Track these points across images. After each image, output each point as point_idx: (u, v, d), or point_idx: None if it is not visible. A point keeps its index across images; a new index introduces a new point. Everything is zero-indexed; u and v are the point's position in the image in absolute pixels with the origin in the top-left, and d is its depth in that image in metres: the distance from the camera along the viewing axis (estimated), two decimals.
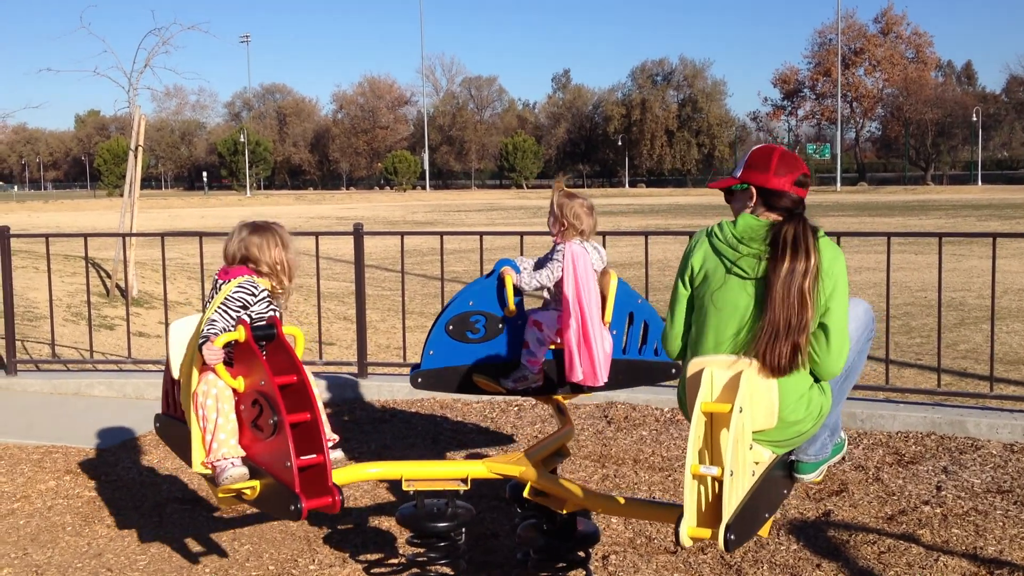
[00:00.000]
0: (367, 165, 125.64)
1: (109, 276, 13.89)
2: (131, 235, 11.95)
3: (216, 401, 3.89)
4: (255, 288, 4.05)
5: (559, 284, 4.65)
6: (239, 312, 3.97)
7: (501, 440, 6.64)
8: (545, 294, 4.80)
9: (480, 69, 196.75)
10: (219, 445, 3.87)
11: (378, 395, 7.73)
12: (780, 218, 3.49)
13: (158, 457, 6.39)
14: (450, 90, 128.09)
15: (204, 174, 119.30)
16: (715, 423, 3.31)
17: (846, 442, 3.95)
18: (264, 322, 4.00)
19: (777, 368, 3.33)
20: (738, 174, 3.62)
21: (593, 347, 4.57)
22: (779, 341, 3.31)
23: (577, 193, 4.79)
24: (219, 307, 3.96)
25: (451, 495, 4.21)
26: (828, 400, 3.51)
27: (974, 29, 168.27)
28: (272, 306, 4.10)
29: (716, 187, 3.74)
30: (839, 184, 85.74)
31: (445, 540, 4.24)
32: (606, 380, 4.68)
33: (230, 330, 3.91)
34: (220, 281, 4.09)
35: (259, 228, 4.19)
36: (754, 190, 3.56)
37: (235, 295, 3.99)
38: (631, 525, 5.05)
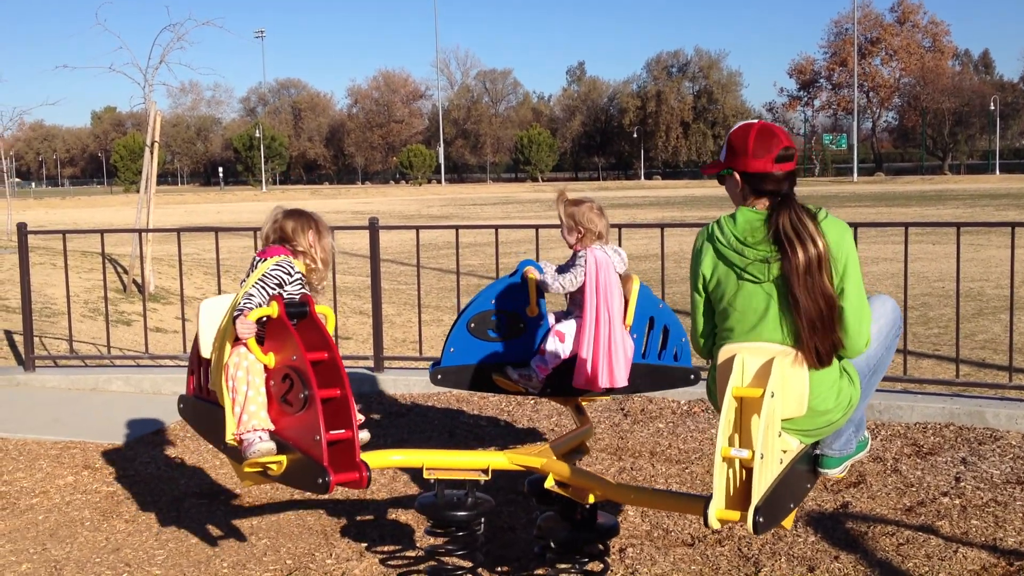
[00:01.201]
0: (382, 159, 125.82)
1: (126, 272, 13.95)
2: (147, 231, 12.01)
3: (247, 373, 3.91)
4: (291, 268, 4.11)
5: (581, 289, 4.64)
6: (275, 289, 4.01)
7: (517, 434, 6.63)
8: (567, 299, 4.80)
9: (495, 62, 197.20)
10: (249, 417, 3.88)
11: (394, 389, 7.74)
12: (770, 204, 3.44)
13: (176, 452, 6.42)
14: (465, 83, 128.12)
15: (220, 169, 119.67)
16: (745, 408, 3.30)
17: (869, 440, 3.94)
18: (297, 298, 4.04)
19: (819, 360, 3.34)
20: (723, 158, 3.58)
21: (613, 354, 4.57)
22: (819, 335, 3.32)
23: (582, 198, 4.77)
24: (257, 282, 4.01)
25: (471, 485, 4.21)
26: (857, 391, 3.49)
27: (991, 17, 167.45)
28: (304, 290, 4.14)
29: (707, 173, 3.70)
30: (856, 175, 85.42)
31: (464, 530, 4.24)
32: (626, 383, 4.68)
33: (264, 306, 3.95)
34: (258, 259, 4.16)
35: (294, 212, 4.29)
36: (738, 176, 3.51)
37: (272, 272, 4.05)
38: (648, 518, 5.04)
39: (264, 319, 3.92)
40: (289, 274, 4.09)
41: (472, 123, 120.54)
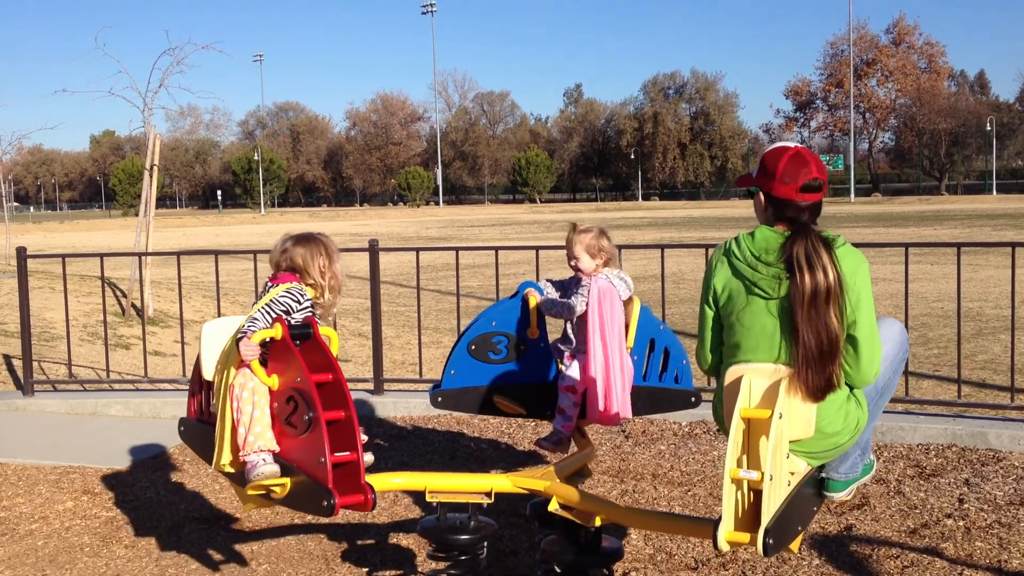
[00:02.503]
0: (380, 181, 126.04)
1: (125, 295, 13.94)
2: (146, 254, 12.00)
3: (252, 394, 3.89)
4: (302, 295, 4.11)
5: (583, 319, 4.63)
6: (283, 316, 4.01)
7: (519, 457, 6.61)
8: (568, 326, 4.78)
9: (492, 84, 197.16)
10: (255, 438, 3.86)
11: (395, 411, 7.71)
12: (789, 229, 3.45)
13: (176, 476, 6.39)
14: (462, 106, 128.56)
15: (218, 192, 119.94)
16: (753, 429, 3.29)
17: (875, 464, 3.93)
18: (300, 321, 4.04)
19: (819, 392, 3.31)
20: (755, 174, 3.59)
21: (612, 387, 4.57)
22: (815, 366, 3.29)
23: (592, 226, 4.78)
24: (263, 307, 4.02)
25: (474, 508, 4.19)
26: (865, 414, 3.48)
27: (987, 38, 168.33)
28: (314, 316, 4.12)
29: (739, 185, 3.72)
30: (853, 195, 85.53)
31: (466, 554, 4.21)
32: (629, 415, 4.68)
33: (268, 328, 3.96)
34: (270, 284, 4.16)
35: (303, 239, 4.25)
36: (763, 196, 3.52)
37: (281, 299, 4.05)
38: (651, 541, 5.01)
39: (268, 341, 3.91)
40: (298, 301, 4.08)
41: (470, 145, 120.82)
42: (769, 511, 3.17)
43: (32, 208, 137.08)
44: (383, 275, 8.71)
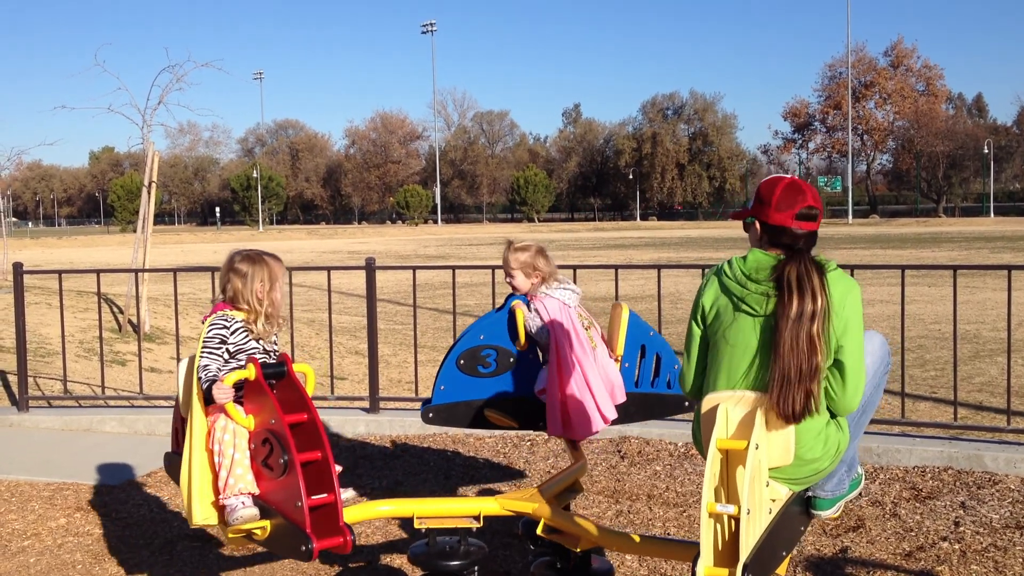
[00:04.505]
0: (379, 199, 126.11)
1: (122, 312, 13.92)
2: (143, 271, 11.98)
3: (234, 437, 3.86)
4: (227, 321, 4.07)
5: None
6: (221, 347, 4.01)
7: (514, 475, 6.59)
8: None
9: (491, 104, 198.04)
10: (235, 480, 3.83)
11: (390, 430, 7.69)
12: (783, 254, 3.46)
13: (169, 494, 6.36)
14: (461, 125, 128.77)
15: (217, 209, 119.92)
16: (731, 460, 3.27)
17: (863, 477, 3.91)
18: (273, 359, 4.01)
19: (791, 415, 3.28)
20: (750, 206, 3.60)
21: (585, 395, 4.59)
22: (791, 388, 3.25)
23: (528, 244, 4.82)
24: (202, 351, 3.99)
25: (463, 532, 4.17)
26: (846, 437, 3.46)
27: (984, 61, 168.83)
28: (250, 337, 4.08)
29: (733, 218, 3.73)
30: (851, 217, 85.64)
31: None
32: (613, 417, 4.67)
33: (223, 367, 3.94)
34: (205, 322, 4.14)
35: (249, 258, 4.15)
36: (758, 225, 3.53)
37: (210, 334, 4.03)
38: (645, 562, 4.99)
39: (242, 381, 3.87)
40: (226, 327, 4.05)
41: (469, 164, 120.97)
42: (748, 545, 3.13)
43: (31, 224, 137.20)
44: (380, 293, 8.71)
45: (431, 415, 4.81)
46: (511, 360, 4.79)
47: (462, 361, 4.76)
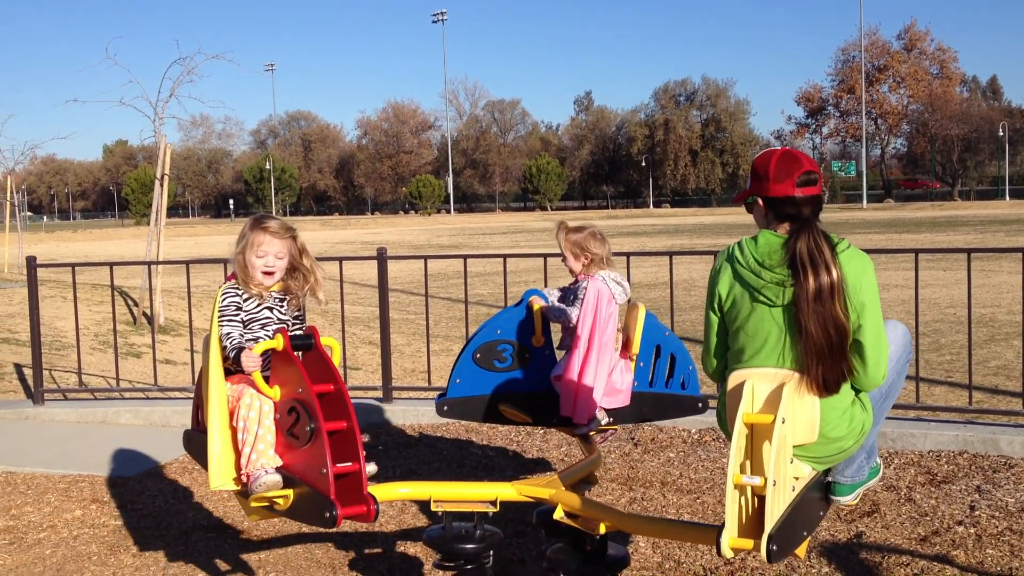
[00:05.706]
0: (392, 190, 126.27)
1: (136, 304, 13.96)
2: (156, 263, 12.01)
3: (259, 414, 3.87)
4: (235, 289, 4.18)
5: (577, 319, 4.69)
6: (236, 314, 4.10)
7: (527, 464, 6.59)
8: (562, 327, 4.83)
9: (503, 92, 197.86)
10: (258, 455, 3.85)
11: (403, 420, 7.70)
12: (790, 228, 3.43)
13: (184, 485, 6.39)
14: (473, 114, 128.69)
15: (230, 201, 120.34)
16: (756, 435, 3.27)
17: (881, 467, 3.90)
18: (301, 331, 4.07)
19: (826, 388, 3.31)
20: (748, 186, 3.59)
21: (583, 387, 4.62)
22: (825, 364, 3.29)
23: (583, 225, 4.84)
24: (220, 321, 4.06)
25: (479, 517, 4.17)
26: (870, 417, 3.46)
27: (999, 44, 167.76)
28: (262, 305, 4.15)
29: (735, 202, 3.72)
30: (865, 201, 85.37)
31: (473, 563, 4.19)
32: (598, 417, 4.70)
33: (245, 332, 3.99)
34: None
35: (248, 226, 4.27)
36: (761, 202, 3.51)
37: (224, 303, 4.13)
38: (659, 549, 4.98)
39: (269, 352, 3.90)
40: (238, 294, 4.16)
41: (481, 153, 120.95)
42: (773, 516, 3.15)
43: (45, 218, 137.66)
44: (393, 283, 8.71)
45: (446, 408, 4.82)
46: (527, 356, 4.81)
47: (478, 355, 4.78)
